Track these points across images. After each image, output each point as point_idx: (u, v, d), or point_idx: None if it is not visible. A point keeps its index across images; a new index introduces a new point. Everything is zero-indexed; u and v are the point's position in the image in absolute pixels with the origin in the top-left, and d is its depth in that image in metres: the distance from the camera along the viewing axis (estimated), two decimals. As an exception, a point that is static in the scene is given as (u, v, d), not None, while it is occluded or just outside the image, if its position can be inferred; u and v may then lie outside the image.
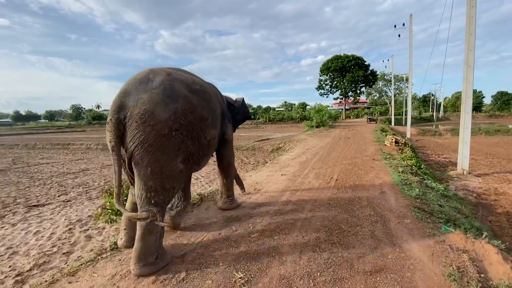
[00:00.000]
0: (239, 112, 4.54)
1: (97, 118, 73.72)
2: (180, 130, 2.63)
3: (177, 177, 2.72)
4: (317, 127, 25.61)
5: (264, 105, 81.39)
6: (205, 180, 9.02)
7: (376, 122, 32.15)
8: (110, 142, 2.48)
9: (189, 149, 2.78)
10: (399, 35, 23.20)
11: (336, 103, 72.22)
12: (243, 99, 4.64)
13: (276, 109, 78.39)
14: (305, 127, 27.69)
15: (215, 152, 3.97)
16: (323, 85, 46.20)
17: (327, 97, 47.92)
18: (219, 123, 3.41)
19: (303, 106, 63.46)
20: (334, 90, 45.89)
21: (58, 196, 8.46)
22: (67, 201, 7.79)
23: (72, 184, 9.91)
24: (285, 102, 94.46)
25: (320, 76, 46.12)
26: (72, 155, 19.10)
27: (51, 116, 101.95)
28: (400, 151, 10.07)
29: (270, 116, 53.80)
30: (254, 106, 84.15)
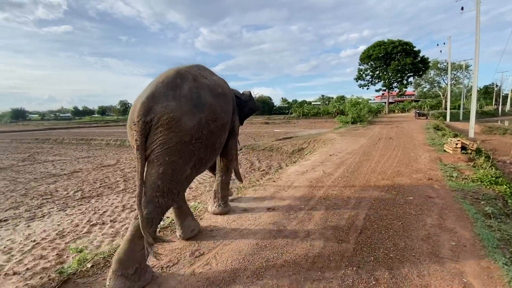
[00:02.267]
0: (246, 106, 4.42)
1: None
2: (201, 139, 2.72)
3: (183, 183, 2.77)
4: (352, 123, 21.94)
5: (300, 99, 77.18)
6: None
7: (427, 118, 27.04)
8: (136, 141, 2.49)
9: (201, 156, 2.83)
10: (462, 8, 18.36)
11: (378, 96, 65.48)
12: (250, 93, 4.53)
13: (312, 103, 73.95)
14: (338, 123, 24.12)
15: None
16: (363, 75, 41.16)
17: (367, 88, 42.84)
18: (230, 125, 3.48)
19: (341, 99, 58.48)
20: (376, 81, 40.60)
21: (5, 211, 6.93)
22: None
23: (41, 192, 8.41)
24: (322, 96, 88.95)
25: (359, 65, 41.15)
26: (86, 152, 18.46)
27: (103, 111, 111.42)
28: (471, 163, 6.66)
29: (304, 110, 50.32)
30: (290, 100, 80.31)
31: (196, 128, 2.64)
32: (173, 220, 3.35)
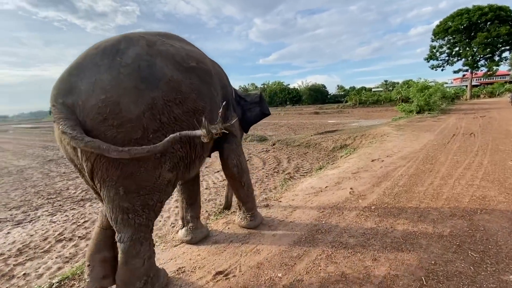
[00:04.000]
0: (251, 109, 3.47)
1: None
2: (162, 131, 1.85)
3: (164, 189, 2.03)
4: (418, 112, 17.80)
5: (358, 86, 70.26)
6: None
7: (530, 103, 20.57)
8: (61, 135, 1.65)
9: (178, 152, 2.04)
10: None
11: (457, 79, 55.05)
12: (260, 94, 3.57)
13: (373, 90, 66.65)
14: (399, 112, 20.08)
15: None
16: (437, 53, 34.15)
17: (442, 70, 35.36)
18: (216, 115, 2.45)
19: (408, 84, 50.83)
20: (455, 59, 33.24)
21: (8, 210, 6.73)
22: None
23: (52, 190, 8.23)
24: (386, 81, 79.65)
25: (432, 41, 34.21)
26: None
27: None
28: None
29: (361, 98, 45.37)
30: (346, 87, 73.85)
31: (148, 114, 1.78)
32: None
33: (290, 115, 38.20)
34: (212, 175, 8.01)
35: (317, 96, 64.89)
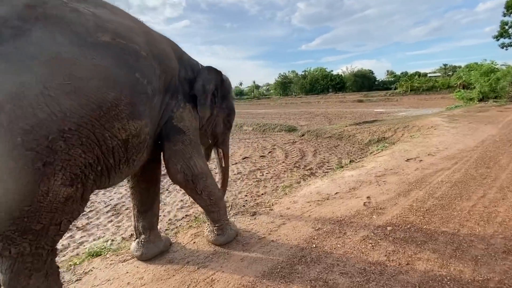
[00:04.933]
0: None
1: (239, 94, 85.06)
2: (40, 131, 1.31)
3: (62, 209, 1.48)
4: (480, 100, 15.01)
5: (411, 71, 62.87)
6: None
7: None
8: None
9: (80, 159, 1.49)
10: None
11: (537, 60, 46.13)
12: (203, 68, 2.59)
13: (428, 75, 59.41)
14: (457, 100, 17.26)
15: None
16: (510, 30, 28.53)
17: (516, 49, 29.61)
18: (151, 109, 1.88)
19: (470, 68, 44.15)
20: (535, 36, 27.43)
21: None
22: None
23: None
24: (445, 65, 70.13)
25: (504, 16, 28.56)
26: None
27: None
28: None
29: (413, 85, 40.66)
30: (397, 72, 66.85)
31: (10, 108, 1.24)
32: None
33: (330, 103, 36.06)
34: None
35: (363, 82, 60.12)
